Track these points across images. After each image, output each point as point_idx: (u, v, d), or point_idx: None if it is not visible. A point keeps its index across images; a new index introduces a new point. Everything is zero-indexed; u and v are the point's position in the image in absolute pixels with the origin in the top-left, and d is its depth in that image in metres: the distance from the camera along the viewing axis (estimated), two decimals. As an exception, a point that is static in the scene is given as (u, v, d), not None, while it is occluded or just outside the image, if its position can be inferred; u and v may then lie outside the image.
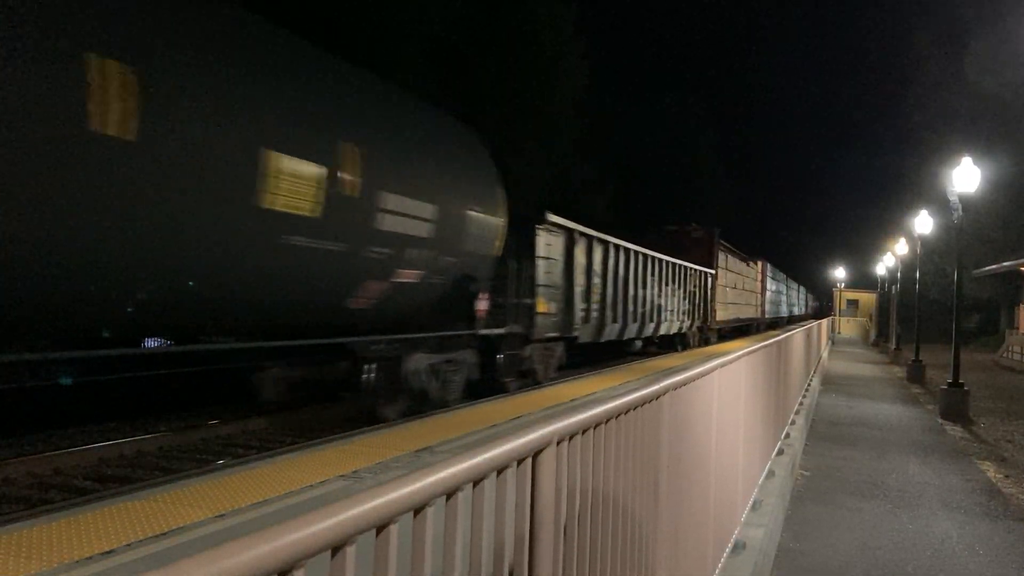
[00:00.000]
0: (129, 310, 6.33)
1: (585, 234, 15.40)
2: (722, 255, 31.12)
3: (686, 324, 25.42)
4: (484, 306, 11.27)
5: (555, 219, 13.80)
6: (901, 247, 34.83)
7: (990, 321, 47.08)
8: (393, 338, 9.64)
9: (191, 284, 6.60)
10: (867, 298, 70.89)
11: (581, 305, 15.23)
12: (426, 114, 10.75)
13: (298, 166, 7.19)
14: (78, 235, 5.47)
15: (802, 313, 73.62)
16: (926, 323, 29.23)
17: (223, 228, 6.62)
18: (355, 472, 5.50)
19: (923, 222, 25.36)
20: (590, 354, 18.34)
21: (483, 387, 11.52)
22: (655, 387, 2.75)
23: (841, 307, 75.04)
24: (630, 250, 18.67)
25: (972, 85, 38.67)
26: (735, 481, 4.87)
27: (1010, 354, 32.54)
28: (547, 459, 1.80)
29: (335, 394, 10.67)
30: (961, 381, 14.99)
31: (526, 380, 13.12)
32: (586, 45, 34.17)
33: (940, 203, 25.50)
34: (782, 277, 56.80)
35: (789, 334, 10.60)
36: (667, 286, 22.43)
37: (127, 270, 6.01)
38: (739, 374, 4.98)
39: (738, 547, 4.65)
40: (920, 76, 47.13)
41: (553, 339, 14.04)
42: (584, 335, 15.58)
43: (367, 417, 9.47)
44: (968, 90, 39.56)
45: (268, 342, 8.54)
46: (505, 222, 11.78)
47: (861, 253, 71.26)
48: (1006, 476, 9.51)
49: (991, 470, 9.84)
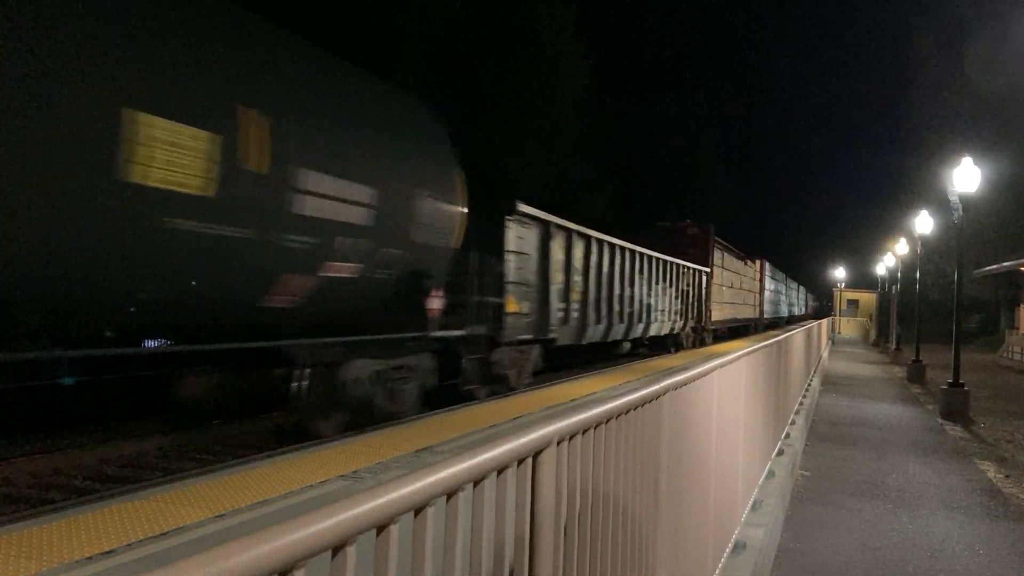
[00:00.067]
0: None
1: (563, 227, 14.05)
2: (718, 253, 30.26)
3: (679, 325, 24.16)
4: (438, 305, 9.88)
5: (528, 210, 12.34)
6: (901, 247, 34.83)
7: (990, 321, 47.19)
8: (323, 341, 8.29)
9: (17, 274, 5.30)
10: (867, 298, 70.85)
11: (559, 304, 13.91)
12: (363, 83, 9.21)
13: (179, 132, 5.85)
14: None
15: (802, 313, 73.61)
16: (926, 323, 29.21)
17: (70, 206, 5.34)
18: (355, 472, 5.50)
19: (923, 222, 25.36)
20: (590, 354, 18.29)
21: (445, 396, 10.33)
22: (655, 387, 2.75)
23: (841, 307, 74.94)
24: (615, 246, 17.39)
25: (972, 85, 38.76)
26: (735, 481, 4.87)
27: (1010, 354, 32.60)
28: (547, 459, 1.80)
29: (268, 406, 9.44)
30: (961, 381, 15.00)
31: (496, 387, 11.64)
32: (586, 45, 34.28)
33: (940, 203, 25.53)
34: (781, 277, 56.66)
35: (789, 334, 10.58)
36: (657, 284, 21.19)
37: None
38: (739, 374, 4.98)
39: (738, 547, 4.65)
40: (920, 76, 47.34)
41: (527, 341, 12.69)
42: (563, 337, 14.21)
43: (297, 432, 8.33)
44: (968, 90, 39.66)
45: (184, 346, 7.43)
46: (464, 211, 10.48)
47: (861, 253, 71.45)
48: (1006, 476, 9.51)
49: (991, 470, 9.84)
